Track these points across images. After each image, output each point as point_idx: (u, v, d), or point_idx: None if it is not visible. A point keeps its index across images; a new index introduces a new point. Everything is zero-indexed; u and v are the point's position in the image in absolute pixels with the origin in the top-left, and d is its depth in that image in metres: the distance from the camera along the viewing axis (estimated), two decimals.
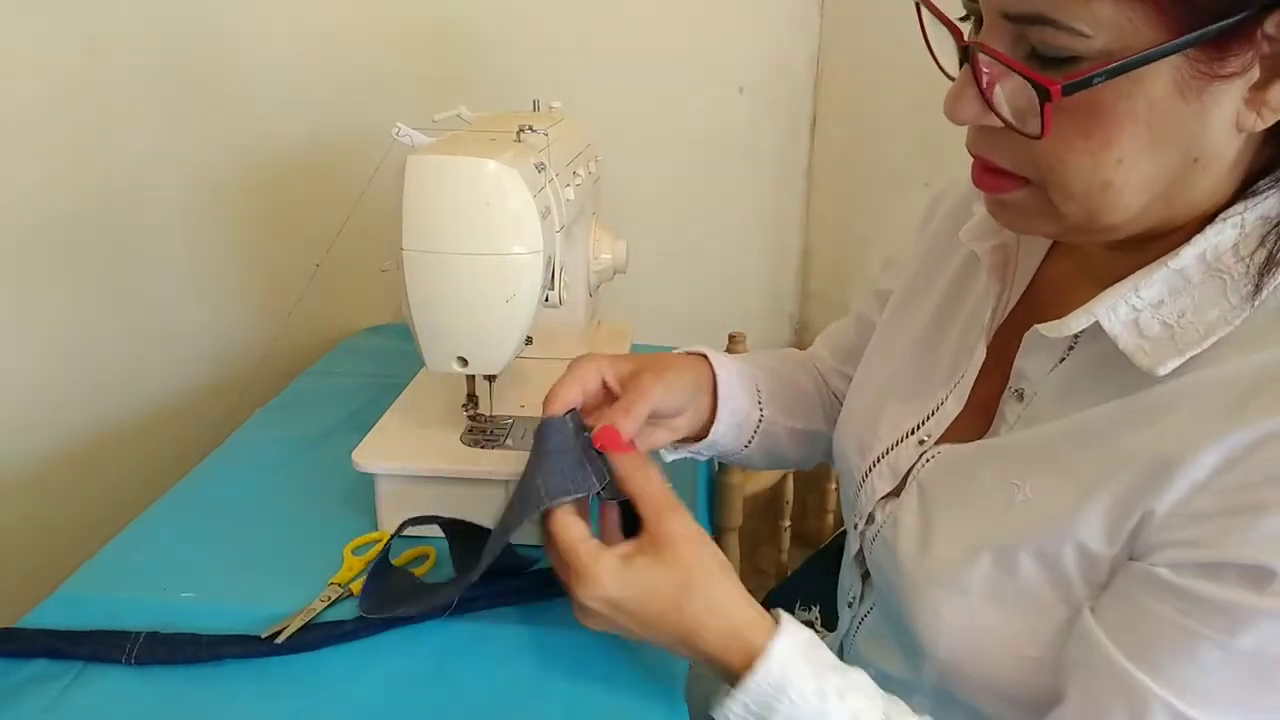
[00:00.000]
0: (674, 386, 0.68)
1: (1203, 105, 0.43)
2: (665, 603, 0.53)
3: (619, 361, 0.68)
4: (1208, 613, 0.44)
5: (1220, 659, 0.43)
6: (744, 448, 0.77)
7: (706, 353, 0.74)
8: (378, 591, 0.65)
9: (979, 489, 0.55)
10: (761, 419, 0.77)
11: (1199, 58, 0.41)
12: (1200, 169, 0.45)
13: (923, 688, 0.59)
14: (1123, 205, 0.46)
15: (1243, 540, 0.42)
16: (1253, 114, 0.43)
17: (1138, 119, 0.43)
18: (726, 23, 1.31)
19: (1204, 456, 0.44)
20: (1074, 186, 0.46)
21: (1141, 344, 0.48)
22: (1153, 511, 0.46)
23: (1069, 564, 0.50)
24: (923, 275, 0.70)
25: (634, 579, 0.54)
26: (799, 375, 0.83)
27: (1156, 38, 0.41)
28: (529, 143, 0.71)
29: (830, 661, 0.53)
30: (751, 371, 0.78)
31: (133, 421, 1.07)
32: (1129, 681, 0.46)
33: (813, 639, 0.54)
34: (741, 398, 0.75)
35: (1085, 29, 0.41)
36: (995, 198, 0.52)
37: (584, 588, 0.54)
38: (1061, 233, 0.51)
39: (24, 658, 0.60)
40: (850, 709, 0.50)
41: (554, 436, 0.61)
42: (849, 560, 0.69)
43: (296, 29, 1.08)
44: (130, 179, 1.01)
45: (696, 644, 0.54)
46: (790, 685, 0.51)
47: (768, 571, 1.36)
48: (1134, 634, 0.46)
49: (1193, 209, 0.48)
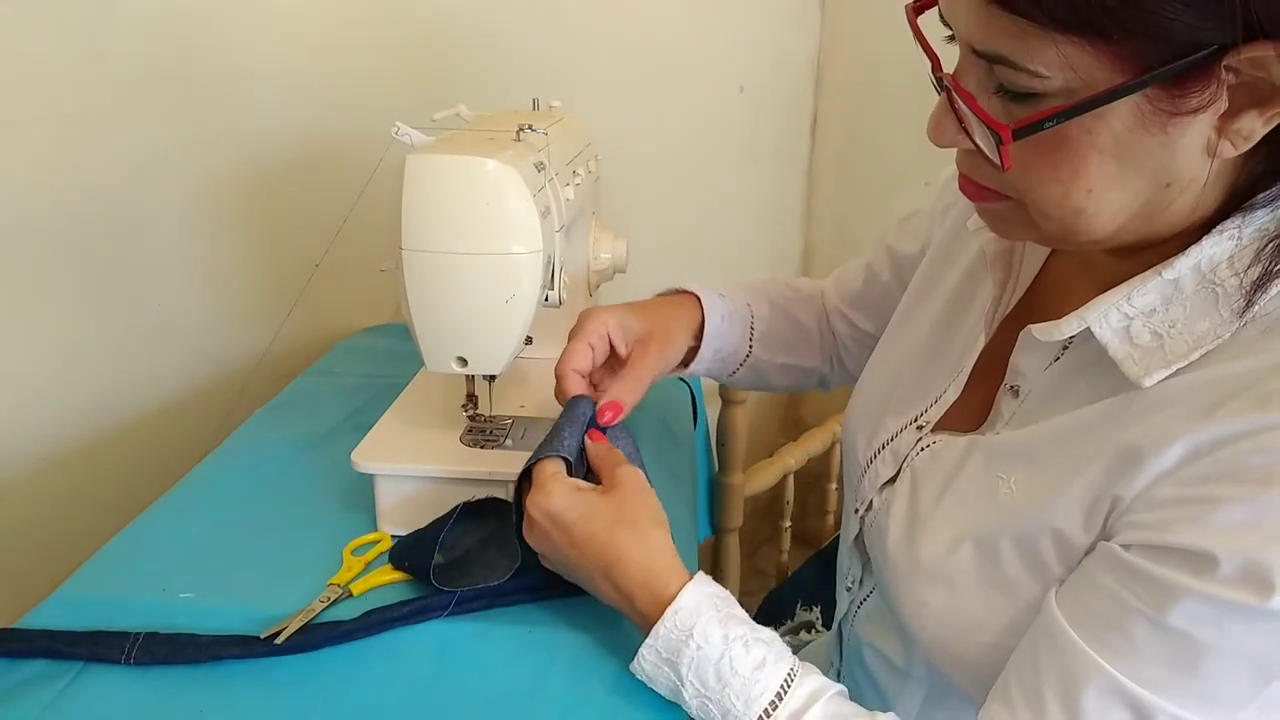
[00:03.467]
0: (677, 348, 0.77)
1: (1169, 137, 0.43)
2: (597, 526, 0.59)
3: (628, 319, 0.75)
4: (1144, 587, 0.45)
5: (1149, 633, 0.45)
6: (729, 375, 0.86)
7: (701, 299, 0.81)
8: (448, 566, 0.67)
9: (966, 481, 0.57)
10: (749, 355, 0.84)
11: (1158, 96, 0.42)
12: (1175, 192, 0.46)
13: (916, 673, 0.61)
14: (1099, 226, 0.47)
15: (1192, 529, 0.44)
16: (1225, 142, 0.43)
17: (1104, 152, 0.44)
18: (727, 22, 1.31)
19: (1173, 449, 0.45)
20: (1048, 210, 0.48)
21: (1131, 352, 0.49)
22: (1121, 497, 0.47)
23: (1047, 552, 0.51)
24: (937, 264, 0.72)
25: (577, 500, 0.60)
26: (803, 311, 0.88)
27: (1112, 79, 0.41)
28: (529, 142, 0.71)
29: (740, 616, 0.56)
30: (751, 309, 0.85)
31: (132, 422, 1.07)
32: (1067, 644, 0.47)
33: (725, 594, 0.57)
34: (731, 337, 0.82)
35: (1042, 70, 0.42)
36: (981, 206, 0.53)
37: (535, 497, 0.61)
38: (1045, 241, 0.53)
39: (23, 658, 0.60)
40: (755, 657, 0.53)
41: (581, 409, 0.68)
42: (848, 544, 0.70)
43: (296, 28, 1.08)
44: (129, 179, 1.01)
45: (616, 576, 0.58)
46: (696, 629, 0.54)
47: (768, 571, 1.37)
48: (1079, 603, 0.48)
49: (1177, 224, 0.48)
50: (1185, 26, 0.39)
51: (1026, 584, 0.52)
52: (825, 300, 0.89)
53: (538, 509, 0.60)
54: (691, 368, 0.81)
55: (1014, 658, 0.51)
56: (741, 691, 0.52)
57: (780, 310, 0.87)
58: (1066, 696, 0.47)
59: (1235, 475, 0.43)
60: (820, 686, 0.53)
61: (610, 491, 0.61)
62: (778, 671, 0.53)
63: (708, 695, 0.53)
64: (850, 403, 0.74)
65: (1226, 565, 0.42)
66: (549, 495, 0.60)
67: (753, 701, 0.52)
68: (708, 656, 0.53)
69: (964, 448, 0.58)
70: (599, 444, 0.67)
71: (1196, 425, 0.45)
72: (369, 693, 0.58)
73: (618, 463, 0.64)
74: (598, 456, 0.66)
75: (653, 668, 0.55)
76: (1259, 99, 0.41)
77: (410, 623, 0.63)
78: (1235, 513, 0.43)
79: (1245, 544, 0.42)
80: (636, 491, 0.61)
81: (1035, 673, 0.49)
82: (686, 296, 0.82)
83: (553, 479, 0.61)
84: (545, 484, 0.61)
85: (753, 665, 0.53)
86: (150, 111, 1.01)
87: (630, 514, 0.59)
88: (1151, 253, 0.50)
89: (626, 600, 0.58)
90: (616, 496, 0.60)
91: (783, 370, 0.87)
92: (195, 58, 1.02)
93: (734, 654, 0.53)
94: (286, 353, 1.14)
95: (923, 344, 0.68)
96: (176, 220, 1.06)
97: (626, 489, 0.61)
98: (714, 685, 0.53)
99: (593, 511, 0.59)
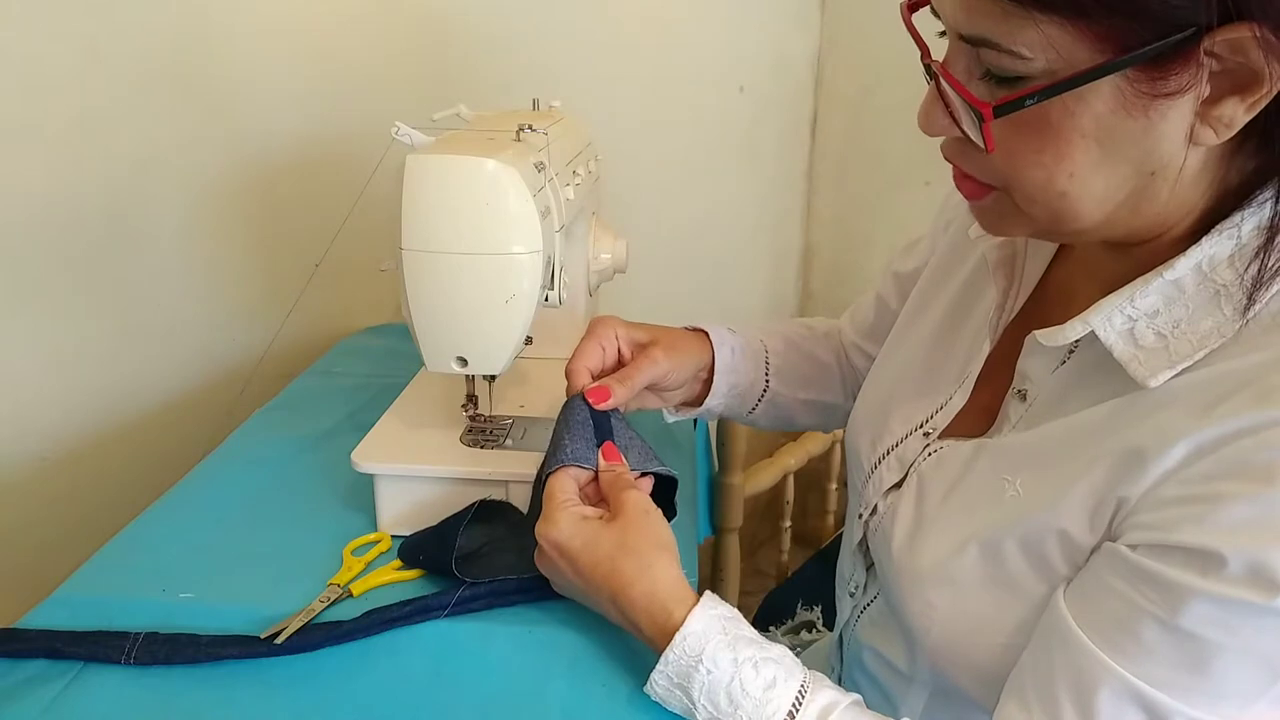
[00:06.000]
0: (680, 365, 0.76)
1: (1149, 121, 0.44)
2: (600, 555, 0.58)
3: (636, 329, 0.75)
4: (1153, 589, 0.45)
5: (1160, 636, 0.45)
6: (748, 413, 0.84)
7: (710, 334, 0.80)
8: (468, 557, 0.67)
9: (973, 485, 0.57)
10: (767, 390, 0.83)
11: (1138, 77, 0.42)
12: (1161, 181, 0.46)
13: (920, 676, 0.61)
14: (1084, 213, 0.48)
15: (1197, 527, 0.44)
16: (1207, 129, 0.44)
17: (1086, 134, 0.45)
18: (727, 22, 1.31)
19: (1176, 449, 0.45)
20: (1032, 195, 0.48)
21: (1136, 354, 0.49)
22: (1127, 498, 0.47)
23: (1053, 552, 0.51)
24: (940, 273, 0.72)
25: (583, 530, 0.60)
26: (820, 348, 0.88)
27: (1093, 59, 0.42)
28: (528, 142, 0.71)
29: (749, 636, 0.56)
30: (764, 344, 0.84)
31: (132, 421, 1.07)
32: (1078, 646, 0.47)
33: (733, 614, 0.57)
34: (745, 372, 0.81)
35: (1024, 51, 0.43)
36: (972, 203, 0.54)
37: (541, 526, 0.61)
38: (1035, 233, 0.53)
39: (23, 658, 0.59)
40: (765, 678, 0.53)
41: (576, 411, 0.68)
42: (851, 549, 0.70)
43: (295, 28, 1.08)
44: (129, 179, 1.01)
45: (622, 603, 0.57)
46: (705, 655, 0.53)
47: (768, 572, 1.37)
48: (1088, 604, 0.48)
49: (1165, 217, 0.49)
50: (1163, 6, 0.40)
51: (1032, 583, 0.52)
52: (842, 336, 0.89)
53: (544, 539, 0.60)
54: (707, 404, 0.80)
55: (1025, 658, 0.51)
56: (754, 712, 0.52)
57: (795, 346, 0.86)
58: (1081, 698, 0.47)
59: (1238, 472, 0.43)
60: (832, 701, 0.53)
61: (615, 519, 0.61)
62: (789, 690, 0.53)
63: (720, 718, 0.53)
64: (854, 410, 0.74)
65: (1233, 564, 0.42)
66: (554, 525, 0.60)
67: None
68: (718, 680, 0.53)
69: (970, 452, 0.58)
70: (610, 467, 0.66)
71: (1199, 423, 0.45)
72: (369, 693, 0.58)
73: (624, 487, 0.63)
74: (607, 483, 0.65)
75: (665, 691, 0.56)
76: (1240, 86, 0.42)
77: (410, 623, 0.63)
78: (1240, 510, 0.43)
79: (1250, 542, 0.42)
80: (639, 517, 0.60)
81: (1049, 674, 0.49)
82: (697, 333, 0.81)
83: (560, 508, 0.61)
84: (552, 514, 0.61)
85: (763, 686, 0.52)
86: (150, 112, 1.01)
87: (632, 542, 0.59)
88: (1147, 251, 0.50)
89: (634, 628, 0.58)
90: (619, 525, 0.60)
91: (806, 407, 0.86)
92: (195, 58, 1.02)
93: (744, 676, 0.53)
94: (286, 353, 1.14)
95: (926, 351, 0.68)
96: (176, 220, 1.06)
97: (629, 515, 0.60)
98: (726, 708, 0.53)
99: (596, 540, 0.59)
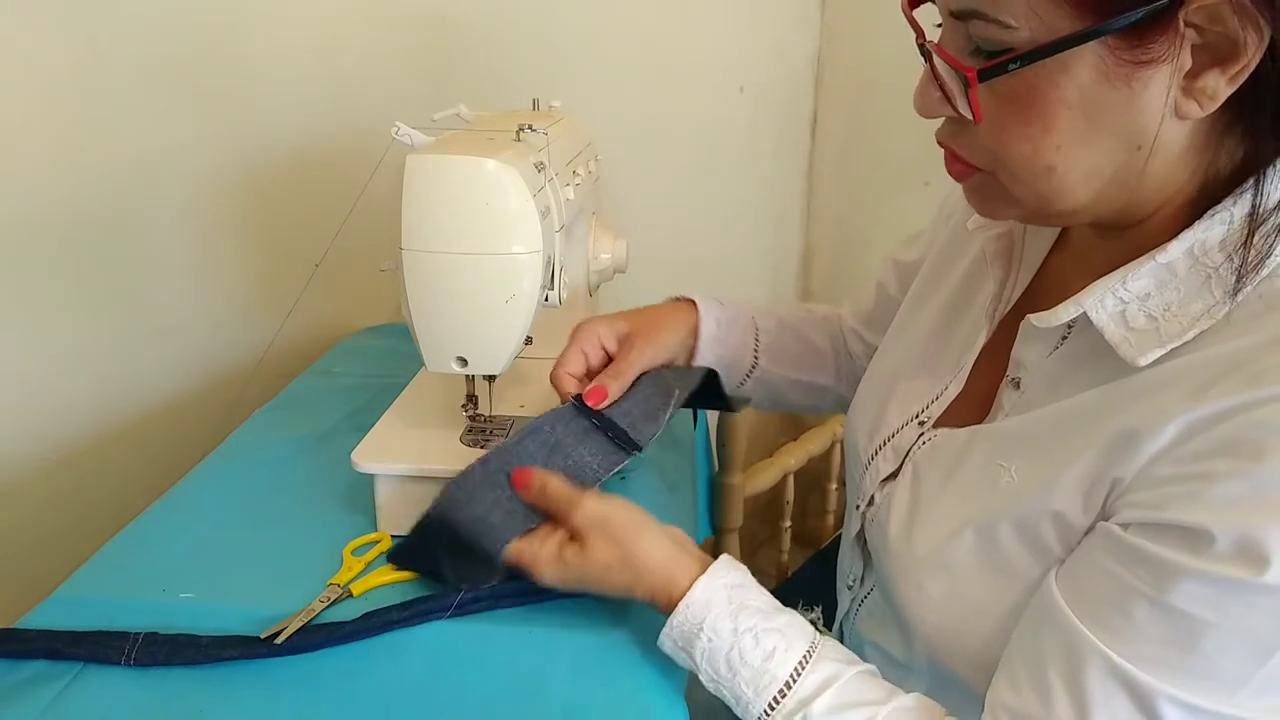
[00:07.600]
0: (664, 345, 0.77)
1: (1132, 91, 0.45)
2: (598, 573, 0.60)
3: (616, 322, 0.77)
4: (1143, 567, 0.45)
5: (1150, 614, 0.45)
6: (736, 386, 0.85)
7: (698, 304, 0.82)
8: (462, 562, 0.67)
9: (968, 471, 0.57)
10: (755, 366, 0.85)
11: (1118, 45, 0.43)
12: (1146, 156, 0.47)
13: (918, 667, 0.61)
14: (1071, 190, 0.49)
15: (1188, 504, 0.44)
16: (1191, 101, 0.45)
17: (1070, 105, 0.46)
18: (727, 22, 1.31)
19: (1168, 428, 0.46)
20: (1019, 171, 0.49)
21: (1127, 335, 0.49)
22: (1121, 478, 0.48)
23: (1048, 534, 0.51)
24: (939, 266, 0.72)
25: (570, 565, 0.61)
26: (815, 331, 0.89)
27: (1074, 27, 0.43)
28: (528, 142, 0.71)
29: (754, 605, 0.56)
30: (756, 322, 0.85)
31: (132, 421, 1.07)
32: (1068, 626, 0.48)
33: (742, 581, 0.58)
34: (732, 344, 0.83)
35: (1010, 20, 0.45)
36: (963, 185, 0.55)
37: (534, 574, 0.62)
38: (1023, 215, 0.54)
39: (23, 658, 0.59)
40: (765, 648, 0.54)
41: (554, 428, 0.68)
42: (849, 542, 0.71)
43: (295, 28, 1.08)
44: (129, 178, 1.01)
45: (636, 595, 0.59)
46: (706, 623, 0.55)
47: (768, 572, 1.36)
48: (1080, 584, 0.49)
49: (1155, 196, 0.49)
50: None
51: (1027, 566, 0.52)
52: (842, 322, 0.91)
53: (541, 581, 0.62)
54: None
55: (1016, 638, 0.52)
56: (751, 680, 0.54)
57: (789, 327, 0.87)
58: (1070, 678, 0.47)
59: (1230, 450, 0.43)
60: (834, 673, 0.54)
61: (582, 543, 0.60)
62: (788, 661, 0.54)
63: (720, 681, 0.55)
64: (853, 402, 0.75)
65: (1222, 541, 0.42)
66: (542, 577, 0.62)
67: (762, 690, 0.53)
68: (718, 648, 0.55)
69: (965, 439, 0.59)
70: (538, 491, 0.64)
71: (1191, 404, 0.45)
72: (369, 693, 0.58)
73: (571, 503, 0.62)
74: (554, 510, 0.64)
75: (671, 650, 0.58)
76: (1220, 58, 0.43)
77: (410, 624, 0.63)
78: (1230, 488, 0.43)
79: (1240, 519, 0.42)
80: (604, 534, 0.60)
81: (1039, 654, 0.49)
82: (685, 303, 0.83)
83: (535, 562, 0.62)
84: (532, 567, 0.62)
85: (762, 656, 0.54)
86: (151, 112, 1.01)
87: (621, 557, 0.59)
88: (1138, 236, 0.51)
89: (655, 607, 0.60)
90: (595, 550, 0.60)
91: (795, 387, 0.87)
92: (195, 58, 1.02)
93: (743, 645, 0.54)
94: (286, 353, 1.14)
95: (924, 342, 0.69)
96: (176, 220, 1.06)
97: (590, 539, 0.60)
98: (725, 674, 0.55)
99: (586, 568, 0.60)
